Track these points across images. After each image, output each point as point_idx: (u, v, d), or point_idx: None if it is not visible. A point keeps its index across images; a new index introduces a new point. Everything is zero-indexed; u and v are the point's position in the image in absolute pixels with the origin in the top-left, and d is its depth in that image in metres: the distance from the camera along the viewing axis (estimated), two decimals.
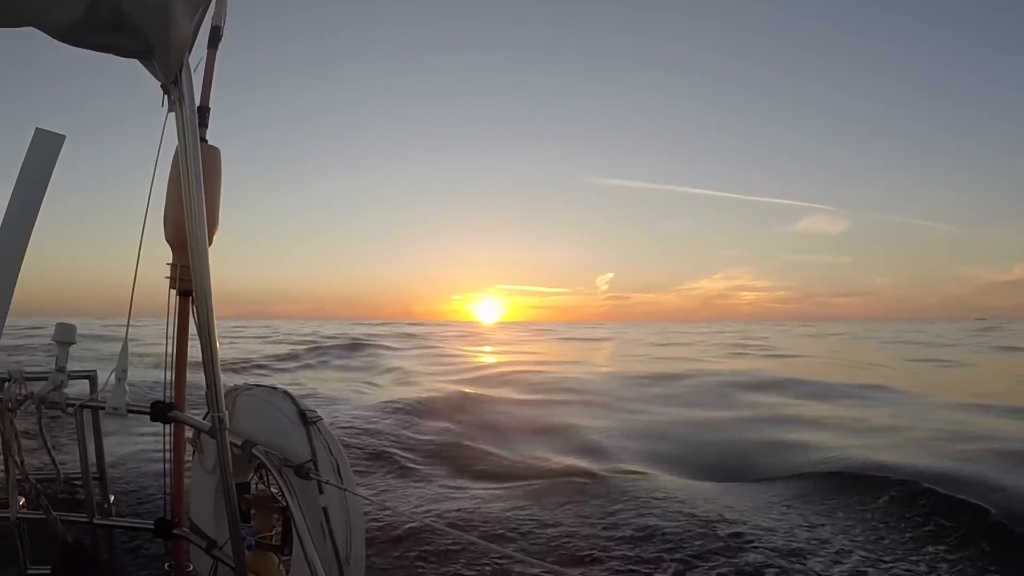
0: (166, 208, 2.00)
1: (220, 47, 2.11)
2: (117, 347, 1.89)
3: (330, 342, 31.51)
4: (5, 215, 2.07)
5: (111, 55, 1.49)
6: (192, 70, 1.55)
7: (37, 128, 2.14)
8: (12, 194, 2.08)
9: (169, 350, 2.04)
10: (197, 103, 1.64)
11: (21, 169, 2.11)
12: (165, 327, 2.01)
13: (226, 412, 1.68)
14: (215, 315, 1.64)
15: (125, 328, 2.00)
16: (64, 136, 2.14)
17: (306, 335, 41.01)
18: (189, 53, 1.49)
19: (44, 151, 2.11)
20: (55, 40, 1.47)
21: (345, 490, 1.83)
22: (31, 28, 1.45)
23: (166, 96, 1.51)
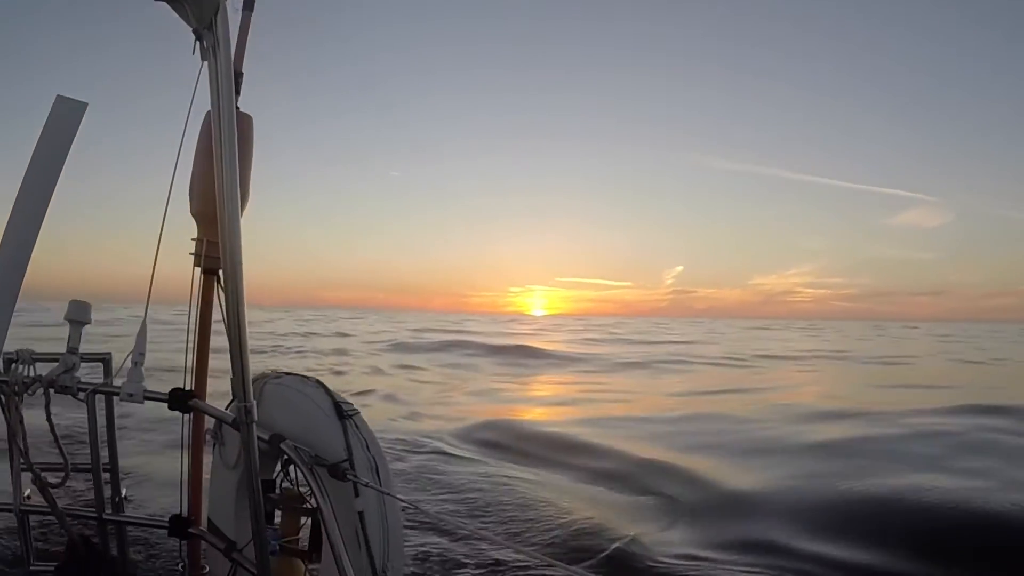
0: (192, 178, 1.86)
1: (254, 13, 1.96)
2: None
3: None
4: (23, 184, 1.95)
5: None
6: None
7: (58, 95, 2.02)
8: (30, 162, 1.96)
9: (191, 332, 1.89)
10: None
11: (40, 137, 1.99)
12: (188, 307, 1.86)
13: (253, 402, 1.50)
14: (245, 296, 1.47)
15: (144, 308, 1.85)
16: (86, 104, 2.02)
17: None
18: None
19: (65, 119, 1.99)
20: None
21: (385, 493, 1.64)
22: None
23: (198, 43, 1.35)
